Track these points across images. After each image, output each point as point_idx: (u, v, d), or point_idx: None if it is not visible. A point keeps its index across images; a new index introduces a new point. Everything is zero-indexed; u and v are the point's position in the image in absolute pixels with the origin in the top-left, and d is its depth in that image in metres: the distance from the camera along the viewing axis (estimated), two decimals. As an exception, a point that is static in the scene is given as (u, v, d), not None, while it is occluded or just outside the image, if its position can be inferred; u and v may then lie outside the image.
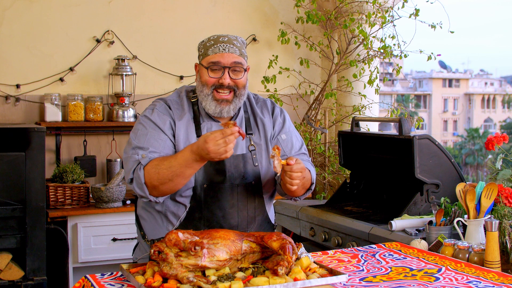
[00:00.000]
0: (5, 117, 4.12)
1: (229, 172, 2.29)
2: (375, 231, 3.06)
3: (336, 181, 4.58)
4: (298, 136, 2.50)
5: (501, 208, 2.48)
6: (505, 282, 1.99)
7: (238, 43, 2.31)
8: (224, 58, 2.26)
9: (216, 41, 2.30)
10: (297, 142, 2.46)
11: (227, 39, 2.30)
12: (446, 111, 45.60)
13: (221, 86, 2.26)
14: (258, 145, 2.37)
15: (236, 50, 2.28)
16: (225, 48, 2.27)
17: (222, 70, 2.26)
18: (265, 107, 2.46)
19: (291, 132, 2.46)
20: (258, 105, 2.45)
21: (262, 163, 2.35)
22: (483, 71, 51.37)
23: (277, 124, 2.43)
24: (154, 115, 2.30)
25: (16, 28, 4.13)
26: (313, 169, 2.43)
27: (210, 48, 2.29)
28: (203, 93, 2.29)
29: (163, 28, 4.52)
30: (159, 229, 2.36)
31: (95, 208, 3.77)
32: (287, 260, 1.91)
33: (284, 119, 2.46)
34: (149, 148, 2.22)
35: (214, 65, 2.26)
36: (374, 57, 4.58)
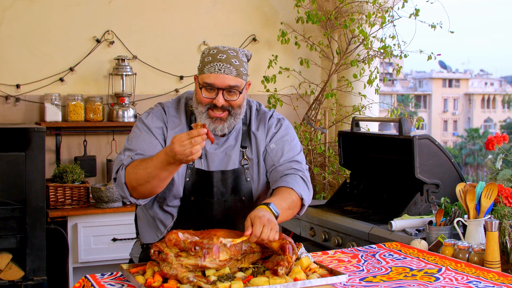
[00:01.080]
0: (5, 117, 4.12)
1: (216, 187, 2.24)
2: (375, 231, 3.06)
3: (336, 181, 4.58)
4: (295, 145, 2.36)
5: (501, 208, 2.48)
6: (505, 282, 1.99)
7: (237, 61, 2.18)
8: (218, 80, 2.15)
9: (213, 58, 2.17)
10: (290, 151, 2.32)
11: (225, 57, 2.17)
12: (446, 111, 45.59)
13: (215, 106, 2.18)
14: (250, 159, 2.30)
15: (233, 70, 2.17)
16: (221, 69, 2.15)
17: (216, 91, 2.17)
18: (263, 121, 2.37)
19: (284, 141, 2.34)
20: (257, 118, 2.38)
21: (253, 178, 2.29)
22: (483, 71, 51.37)
23: (270, 134, 2.34)
24: (149, 119, 2.28)
25: (16, 28, 4.13)
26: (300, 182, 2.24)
27: (206, 66, 2.18)
28: (198, 110, 2.22)
29: (163, 28, 4.52)
30: (150, 233, 2.36)
31: (95, 208, 3.77)
32: (287, 260, 1.91)
33: (279, 128, 2.36)
34: (137, 150, 2.19)
35: (209, 86, 2.17)
36: (374, 57, 4.58)
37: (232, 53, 2.19)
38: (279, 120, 2.40)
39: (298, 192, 2.19)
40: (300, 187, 2.21)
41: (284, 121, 2.41)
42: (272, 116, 2.40)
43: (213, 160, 2.27)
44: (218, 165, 2.27)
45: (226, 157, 2.28)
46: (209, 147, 2.27)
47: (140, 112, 4.37)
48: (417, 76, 46.72)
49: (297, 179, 2.23)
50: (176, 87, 4.56)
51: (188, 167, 2.24)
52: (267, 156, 2.31)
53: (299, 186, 2.21)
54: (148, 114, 2.30)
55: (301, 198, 2.20)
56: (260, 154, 2.32)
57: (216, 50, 2.19)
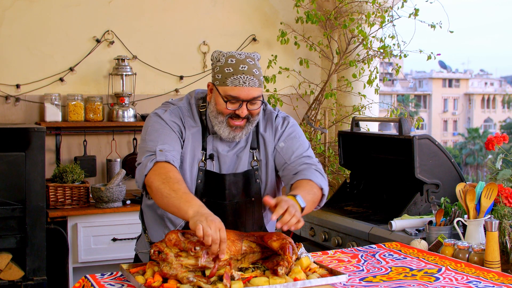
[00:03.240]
0: (5, 117, 4.12)
1: (228, 190, 2.26)
2: (375, 231, 3.06)
3: (336, 181, 4.58)
4: (304, 141, 2.38)
5: (501, 208, 2.48)
6: (505, 282, 1.99)
7: (257, 70, 2.19)
8: (244, 92, 2.15)
9: (235, 69, 2.16)
10: (299, 147, 2.34)
11: (247, 69, 2.16)
12: (446, 111, 45.60)
13: (237, 116, 2.19)
14: (260, 161, 2.32)
15: (256, 82, 2.17)
16: (245, 82, 2.15)
17: (240, 103, 2.17)
18: (270, 121, 2.38)
19: (292, 138, 2.35)
20: (264, 118, 2.38)
21: (262, 179, 2.31)
22: (483, 71, 51.37)
23: (277, 133, 2.36)
24: (166, 114, 2.26)
25: (16, 28, 4.13)
26: (318, 174, 2.26)
27: (229, 78, 2.16)
28: (218, 120, 2.21)
29: (163, 28, 4.52)
30: (158, 231, 2.35)
31: (95, 208, 3.76)
32: (287, 260, 1.91)
33: (286, 126, 2.37)
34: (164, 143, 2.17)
35: (233, 99, 2.16)
36: (374, 57, 4.58)
37: (251, 62, 2.18)
38: (285, 118, 2.41)
39: (318, 183, 2.21)
40: (318, 179, 2.22)
41: (289, 118, 2.42)
42: (278, 115, 2.41)
43: (224, 162, 2.28)
44: (229, 167, 2.28)
45: (237, 159, 2.29)
46: (221, 149, 2.28)
47: (140, 112, 4.37)
48: (417, 76, 46.72)
49: (314, 172, 2.24)
50: (176, 87, 4.56)
51: (200, 169, 2.25)
52: (277, 155, 2.33)
53: (317, 178, 2.22)
54: (165, 110, 2.28)
55: (321, 188, 2.22)
56: (269, 154, 2.33)
57: (235, 60, 2.18)
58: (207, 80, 4.60)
